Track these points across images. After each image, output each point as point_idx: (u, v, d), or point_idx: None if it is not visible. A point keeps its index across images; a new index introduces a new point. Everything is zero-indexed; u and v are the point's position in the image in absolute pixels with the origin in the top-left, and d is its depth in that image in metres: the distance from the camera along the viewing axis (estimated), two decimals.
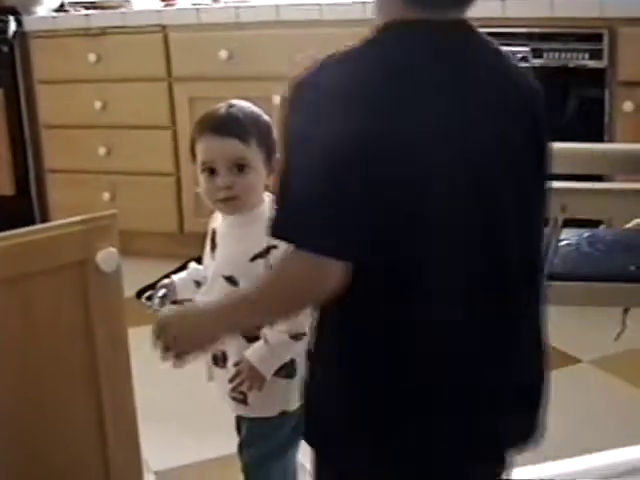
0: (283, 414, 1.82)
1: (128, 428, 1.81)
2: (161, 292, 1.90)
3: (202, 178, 1.82)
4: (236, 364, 1.79)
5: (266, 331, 1.75)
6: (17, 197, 4.16)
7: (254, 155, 1.80)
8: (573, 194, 1.80)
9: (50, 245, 1.65)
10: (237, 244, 1.81)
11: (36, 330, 1.65)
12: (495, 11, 3.33)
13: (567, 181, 1.91)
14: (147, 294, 1.91)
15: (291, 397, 1.79)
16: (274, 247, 1.69)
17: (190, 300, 1.88)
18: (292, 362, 1.79)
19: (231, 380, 1.80)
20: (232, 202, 1.80)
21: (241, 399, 1.82)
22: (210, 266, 1.86)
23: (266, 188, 1.83)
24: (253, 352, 1.77)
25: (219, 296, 1.71)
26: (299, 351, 1.69)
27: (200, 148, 1.82)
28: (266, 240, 1.66)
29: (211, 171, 1.80)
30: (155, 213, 3.93)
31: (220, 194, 1.79)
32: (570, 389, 2.73)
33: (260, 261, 1.76)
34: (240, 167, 1.79)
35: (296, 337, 1.73)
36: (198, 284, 1.91)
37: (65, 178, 4.12)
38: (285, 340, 1.74)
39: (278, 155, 1.32)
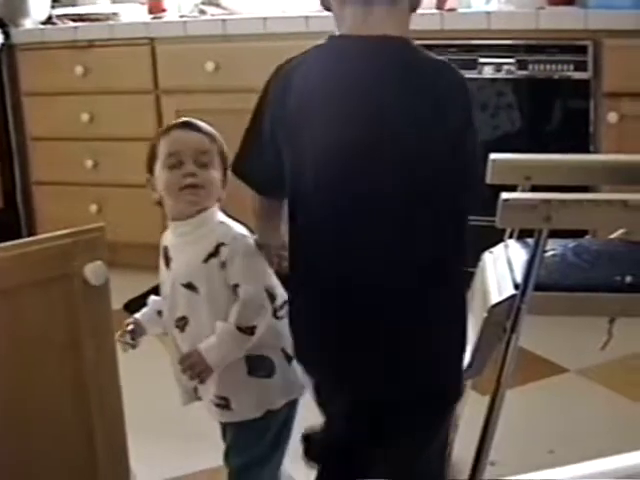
0: (268, 414, 1.83)
1: (117, 441, 1.81)
2: (129, 329, 1.98)
3: (165, 173, 1.84)
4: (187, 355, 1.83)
5: (218, 323, 1.79)
6: (4, 209, 4.15)
7: (215, 159, 1.84)
8: (558, 205, 1.81)
9: (38, 258, 1.65)
10: (189, 249, 1.86)
11: (24, 343, 1.65)
12: (481, 23, 3.35)
13: (552, 192, 1.92)
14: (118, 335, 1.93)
15: (274, 396, 1.81)
16: (222, 244, 1.78)
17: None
18: (270, 362, 1.81)
19: (180, 363, 1.83)
20: (197, 190, 1.84)
21: (224, 405, 1.84)
22: (167, 280, 1.88)
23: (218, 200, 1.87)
24: (204, 342, 1.80)
25: (183, 306, 1.75)
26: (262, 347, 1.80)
27: (166, 142, 1.86)
28: (215, 239, 1.76)
29: (175, 165, 1.82)
30: (142, 225, 3.91)
31: (186, 180, 1.82)
32: (557, 398, 2.74)
33: (213, 260, 1.80)
34: (204, 164, 1.82)
35: (244, 330, 1.77)
36: (161, 314, 1.94)
37: (52, 190, 4.12)
38: (231, 330, 1.78)
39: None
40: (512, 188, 2.17)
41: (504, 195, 1.83)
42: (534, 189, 2.18)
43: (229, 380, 1.84)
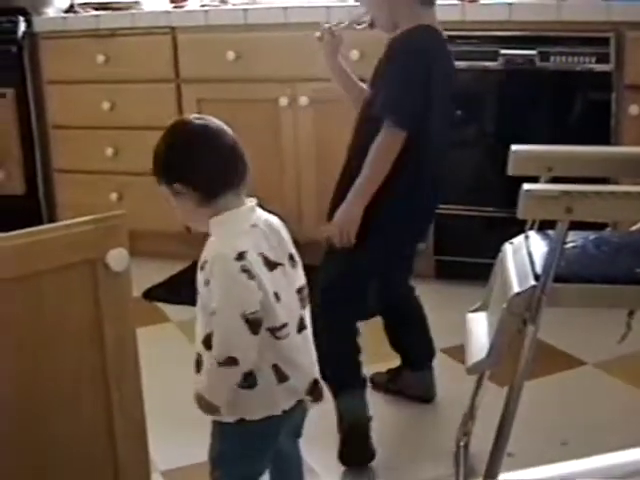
0: (241, 422, 1.81)
1: (136, 428, 1.82)
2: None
3: None
4: None
5: (204, 358, 1.78)
6: (25, 196, 4.18)
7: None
8: (579, 196, 1.81)
9: (60, 244, 1.66)
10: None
11: (46, 328, 1.66)
12: (502, 14, 3.34)
13: (573, 183, 1.92)
14: None
15: (250, 407, 1.80)
16: (206, 262, 1.76)
17: None
18: (254, 376, 1.78)
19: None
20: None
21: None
22: None
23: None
24: (199, 383, 1.80)
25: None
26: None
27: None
28: (204, 254, 1.78)
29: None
30: (162, 214, 3.89)
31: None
32: (575, 391, 2.74)
33: (201, 275, 1.79)
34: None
35: (224, 363, 1.72)
36: None
37: (73, 178, 4.14)
38: (213, 366, 1.74)
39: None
40: (534, 179, 2.17)
41: (526, 186, 1.83)
42: (555, 180, 2.18)
43: None
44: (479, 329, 2.14)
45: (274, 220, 1.86)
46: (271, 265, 1.78)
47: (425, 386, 2.72)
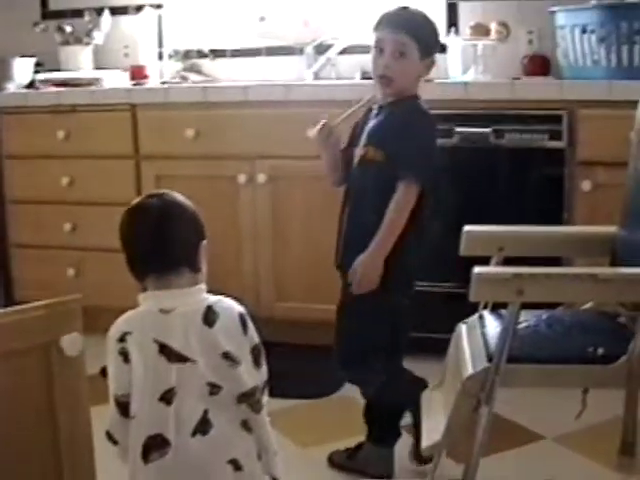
0: None
1: None
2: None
3: None
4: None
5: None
6: None
7: None
8: (529, 279, 1.84)
9: (15, 328, 1.66)
10: None
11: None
12: (458, 93, 3.41)
13: (525, 262, 1.95)
14: None
15: None
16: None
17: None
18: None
19: None
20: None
21: None
22: None
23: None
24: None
25: None
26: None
27: None
28: None
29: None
30: (120, 289, 3.91)
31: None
32: (534, 465, 2.75)
33: None
34: None
35: (108, 438, 1.78)
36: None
37: (31, 253, 4.12)
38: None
39: None
40: (486, 259, 2.20)
41: (477, 269, 1.86)
42: (507, 260, 2.21)
43: None
44: (435, 409, 2.15)
45: (210, 310, 1.80)
46: (173, 356, 1.74)
47: (386, 463, 2.71)
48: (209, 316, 1.78)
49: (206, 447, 1.74)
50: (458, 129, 3.40)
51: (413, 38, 2.53)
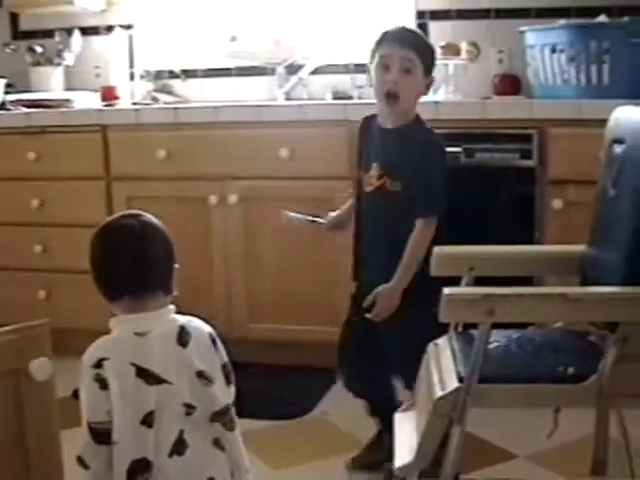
0: None
1: None
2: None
3: None
4: None
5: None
6: None
7: None
8: (500, 300, 1.84)
9: None
10: None
11: None
12: (429, 113, 3.41)
13: (496, 281, 1.96)
14: None
15: None
16: None
17: None
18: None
19: None
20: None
21: None
22: None
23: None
24: None
25: None
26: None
27: None
28: None
29: None
30: (91, 311, 3.89)
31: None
32: None
33: None
34: None
35: (80, 463, 1.74)
36: None
37: (1, 275, 4.08)
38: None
39: None
40: (457, 279, 2.21)
41: (446, 290, 1.86)
42: (478, 280, 2.22)
43: None
44: (407, 430, 2.15)
45: (183, 331, 1.80)
46: (151, 379, 1.73)
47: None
48: (182, 336, 1.78)
49: (184, 467, 1.75)
50: None
51: (418, 55, 2.55)
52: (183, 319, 1.82)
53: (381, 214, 2.62)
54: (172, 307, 1.82)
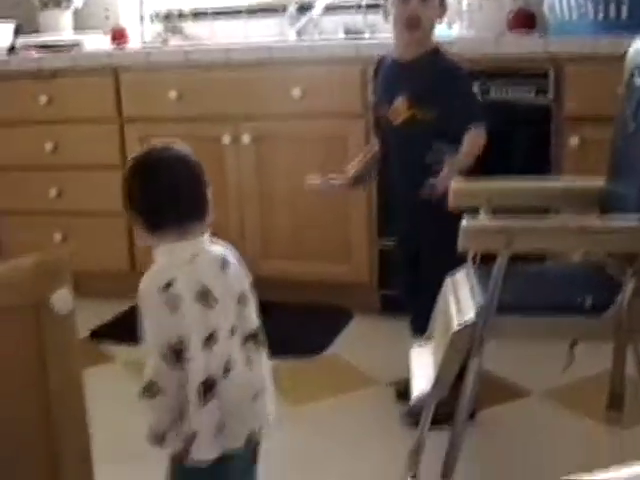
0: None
1: (84, 472, 1.80)
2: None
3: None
4: None
5: None
6: None
7: None
8: (518, 231, 1.83)
9: (2, 287, 1.63)
10: None
11: None
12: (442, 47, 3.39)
13: (512, 215, 1.95)
14: None
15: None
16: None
17: None
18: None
19: None
20: None
21: None
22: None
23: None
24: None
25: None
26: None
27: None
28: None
29: None
30: (107, 253, 3.92)
31: None
32: (521, 420, 2.76)
33: None
34: None
35: (144, 393, 1.76)
36: None
37: (16, 220, 4.10)
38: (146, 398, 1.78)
39: None
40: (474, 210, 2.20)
41: (466, 221, 1.86)
42: (495, 211, 2.21)
43: None
44: (424, 363, 2.15)
45: (223, 256, 1.84)
46: (209, 300, 1.77)
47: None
48: (224, 261, 1.83)
49: (234, 387, 1.79)
50: None
51: None
52: (218, 245, 1.86)
53: (414, 144, 2.64)
54: (208, 234, 1.85)
